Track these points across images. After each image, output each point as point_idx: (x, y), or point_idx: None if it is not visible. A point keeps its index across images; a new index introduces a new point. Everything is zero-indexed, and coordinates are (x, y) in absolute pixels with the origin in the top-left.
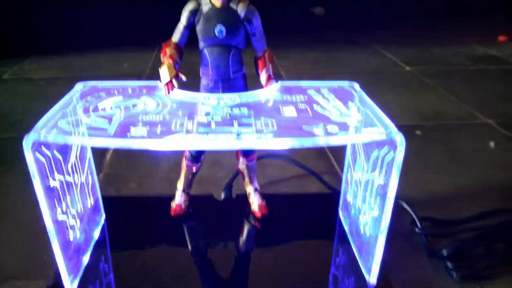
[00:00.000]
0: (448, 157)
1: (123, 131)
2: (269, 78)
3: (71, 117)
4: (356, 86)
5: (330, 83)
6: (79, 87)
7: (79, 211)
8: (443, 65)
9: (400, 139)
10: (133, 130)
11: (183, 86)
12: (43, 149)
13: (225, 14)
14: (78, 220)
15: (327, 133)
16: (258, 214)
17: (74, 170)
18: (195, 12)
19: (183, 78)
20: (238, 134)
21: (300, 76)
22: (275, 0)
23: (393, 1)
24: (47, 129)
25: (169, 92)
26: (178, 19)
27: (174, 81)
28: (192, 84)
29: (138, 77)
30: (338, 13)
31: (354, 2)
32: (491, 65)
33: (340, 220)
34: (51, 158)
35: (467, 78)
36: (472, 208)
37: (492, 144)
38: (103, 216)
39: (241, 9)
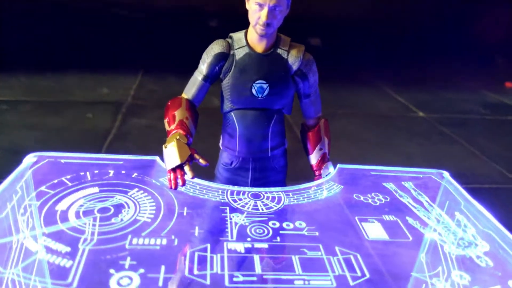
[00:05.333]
0: None
1: (95, 283)
2: (324, 159)
3: (7, 236)
4: (446, 175)
5: (409, 170)
6: (29, 160)
7: None
8: (458, 113)
9: None
10: (114, 282)
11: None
12: None
13: (269, 63)
14: None
15: None
16: None
17: None
18: (223, 58)
19: (202, 161)
20: None
21: None
22: None
23: (393, 40)
24: None
25: (176, 186)
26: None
27: (187, 168)
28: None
29: (119, 105)
30: (338, 47)
31: (352, 36)
32: (508, 115)
33: None
34: None
35: (487, 130)
36: None
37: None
38: None
39: (294, 58)
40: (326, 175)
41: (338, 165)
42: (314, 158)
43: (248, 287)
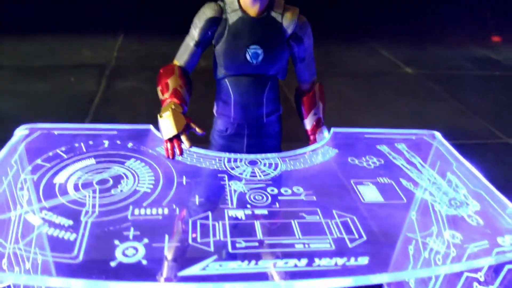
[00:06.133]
0: None
1: (100, 254)
2: (318, 124)
3: (5, 211)
4: (438, 136)
5: (401, 131)
6: (21, 133)
7: None
8: (446, 69)
9: None
10: (119, 253)
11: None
12: None
13: (263, 28)
14: None
15: (460, 251)
16: None
17: (15, 263)
18: (215, 23)
19: (198, 130)
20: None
21: (293, 76)
22: None
23: None
24: None
25: (174, 156)
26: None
27: (184, 138)
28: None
29: (102, 68)
30: (322, 2)
31: None
32: (495, 70)
33: None
34: None
35: (474, 86)
36: None
37: None
38: None
39: (288, 22)
40: (321, 140)
41: (332, 129)
42: (308, 123)
43: (250, 253)
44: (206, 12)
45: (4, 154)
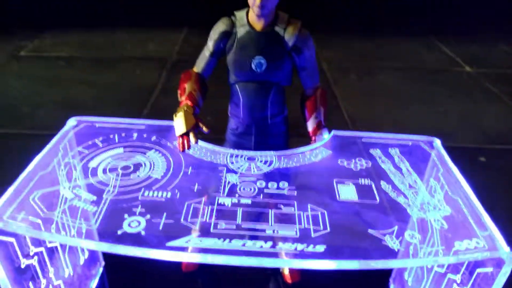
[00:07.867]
0: None
1: (111, 225)
2: (319, 126)
3: (48, 186)
4: (437, 143)
5: (400, 137)
6: (71, 124)
7: (67, 276)
8: (509, 68)
9: (509, 259)
10: (126, 224)
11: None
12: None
13: (267, 41)
14: None
15: (406, 248)
16: (289, 280)
17: (61, 227)
18: (227, 36)
19: (205, 129)
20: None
21: (345, 71)
22: None
23: None
24: (12, 212)
25: (183, 149)
26: None
27: (191, 135)
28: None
29: (164, 61)
30: None
31: None
32: None
33: None
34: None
35: None
36: None
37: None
38: (102, 264)
39: (290, 36)
40: (321, 141)
41: (333, 132)
42: (310, 125)
43: (228, 233)
44: (219, 27)
45: (56, 140)
